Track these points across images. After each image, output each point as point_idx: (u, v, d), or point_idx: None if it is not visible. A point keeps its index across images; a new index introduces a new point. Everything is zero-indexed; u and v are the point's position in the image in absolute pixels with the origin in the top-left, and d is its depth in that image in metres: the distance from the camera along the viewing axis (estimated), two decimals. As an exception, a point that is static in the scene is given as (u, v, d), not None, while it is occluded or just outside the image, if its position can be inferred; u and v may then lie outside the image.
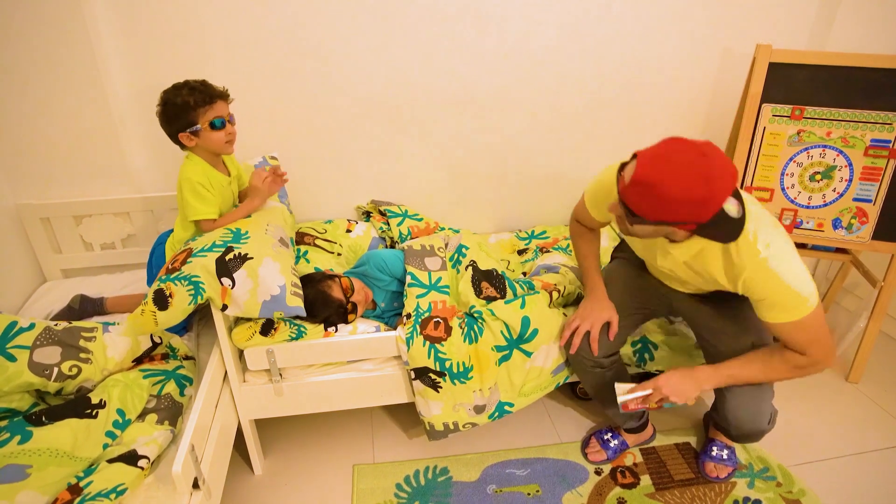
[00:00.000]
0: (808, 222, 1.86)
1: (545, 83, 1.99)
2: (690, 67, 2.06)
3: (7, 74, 1.57)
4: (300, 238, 1.84)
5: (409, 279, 1.55)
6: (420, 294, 1.52)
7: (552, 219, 2.23)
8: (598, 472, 1.55)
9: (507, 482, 1.52)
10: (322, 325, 1.45)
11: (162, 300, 1.20)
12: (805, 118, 1.78)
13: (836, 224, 1.84)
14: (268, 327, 1.38)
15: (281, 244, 1.36)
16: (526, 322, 1.46)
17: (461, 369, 1.42)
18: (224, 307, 1.25)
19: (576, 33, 1.92)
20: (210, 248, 1.25)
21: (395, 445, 1.65)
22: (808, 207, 1.85)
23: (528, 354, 1.47)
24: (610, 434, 1.63)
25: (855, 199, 1.80)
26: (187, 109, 1.31)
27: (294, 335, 1.40)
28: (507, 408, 1.50)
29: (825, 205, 1.83)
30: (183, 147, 1.38)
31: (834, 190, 1.81)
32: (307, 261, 1.76)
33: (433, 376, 1.42)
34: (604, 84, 2.03)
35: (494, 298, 1.53)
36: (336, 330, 1.45)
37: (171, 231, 1.50)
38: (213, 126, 1.34)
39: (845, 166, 1.78)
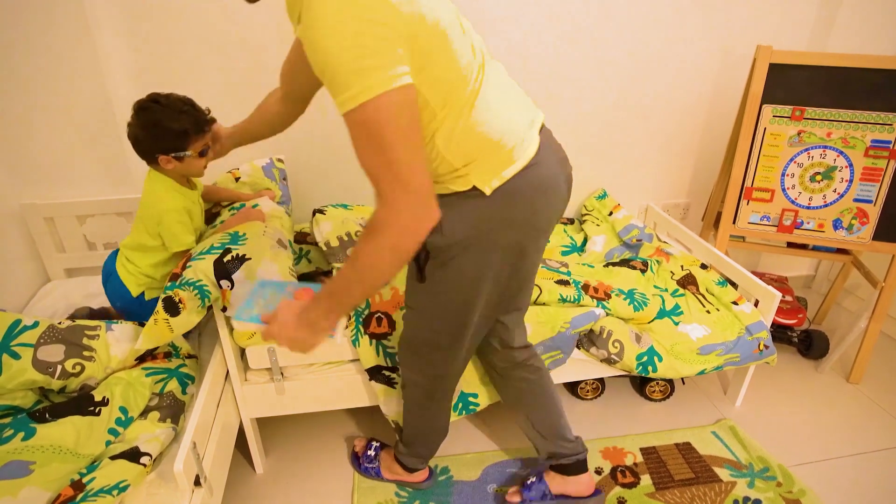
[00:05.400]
0: (808, 223, 1.86)
1: (544, 85, 2.00)
2: (691, 68, 2.06)
3: (11, 76, 1.58)
4: (303, 238, 1.85)
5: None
6: None
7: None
8: (598, 472, 1.55)
9: (508, 481, 1.52)
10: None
11: (173, 307, 1.21)
12: (805, 119, 1.78)
13: (836, 225, 1.84)
14: (269, 326, 1.39)
15: (279, 245, 1.37)
16: None
17: None
18: (224, 309, 1.26)
19: (576, 36, 1.93)
20: (208, 251, 1.25)
21: (396, 444, 1.65)
22: (808, 208, 1.85)
23: None
24: (534, 478, 1.43)
25: (855, 200, 1.80)
26: (184, 136, 1.26)
27: (295, 334, 1.40)
28: (471, 399, 1.49)
29: (826, 205, 1.83)
30: (151, 163, 1.32)
31: (834, 190, 1.81)
32: (309, 260, 1.77)
33: (387, 373, 1.42)
34: (605, 86, 2.04)
35: None
36: (336, 329, 1.46)
37: (115, 258, 1.43)
38: (200, 154, 1.33)
39: (846, 167, 1.79)
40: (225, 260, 1.24)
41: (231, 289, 1.24)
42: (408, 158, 0.79)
